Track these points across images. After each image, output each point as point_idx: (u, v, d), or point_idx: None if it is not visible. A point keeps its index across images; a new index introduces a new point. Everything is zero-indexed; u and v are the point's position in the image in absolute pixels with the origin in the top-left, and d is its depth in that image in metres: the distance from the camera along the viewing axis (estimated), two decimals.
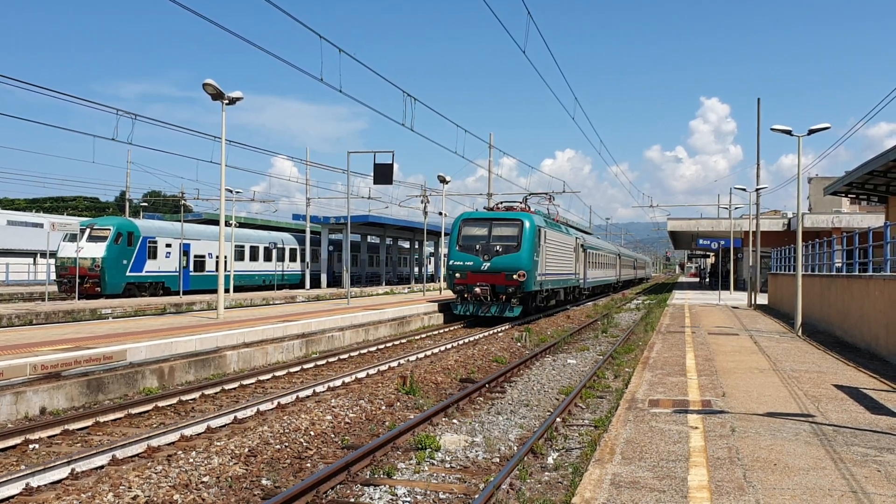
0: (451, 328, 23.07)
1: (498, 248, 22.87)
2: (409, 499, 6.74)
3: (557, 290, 28.80)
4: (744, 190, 33.28)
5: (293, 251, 46.46)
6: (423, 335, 20.87)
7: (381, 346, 18.03)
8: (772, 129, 19.29)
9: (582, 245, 34.12)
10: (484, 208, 26.27)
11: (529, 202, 30.90)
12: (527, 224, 23.25)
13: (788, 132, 18.92)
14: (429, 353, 16.68)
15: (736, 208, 47.07)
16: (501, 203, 27.11)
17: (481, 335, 20.23)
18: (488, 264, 22.78)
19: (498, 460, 8.09)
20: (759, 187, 30.60)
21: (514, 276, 22.40)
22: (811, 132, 18.74)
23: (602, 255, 43.30)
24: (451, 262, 23.37)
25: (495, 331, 21.23)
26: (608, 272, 46.46)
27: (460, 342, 18.52)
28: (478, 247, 23.05)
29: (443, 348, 17.49)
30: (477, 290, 22.70)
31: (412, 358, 15.74)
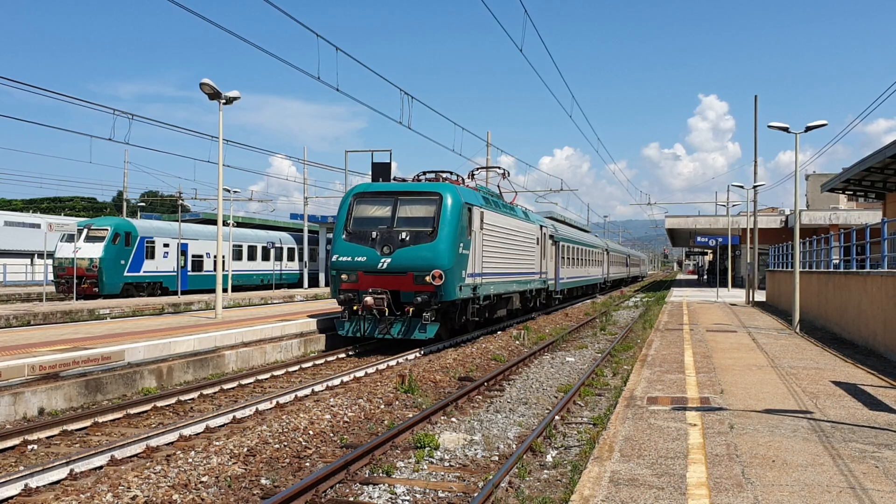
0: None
1: (404, 235, 15.66)
2: (408, 497, 6.74)
3: (508, 296, 21.20)
4: (741, 187, 33.35)
5: (291, 250, 46.46)
6: None
7: None
8: (769, 127, 19.34)
9: (551, 236, 27.40)
10: (393, 179, 18.35)
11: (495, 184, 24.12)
12: (448, 200, 15.93)
13: (786, 129, 18.95)
14: (427, 350, 16.67)
15: (734, 205, 47.23)
16: (422, 173, 18.55)
17: (479, 333, 20.04)
18: (388, 260, 15.59)
19: (497, 458, 8.09)
20: (756, 184, 30.67)
21: (427, 279, 15.32)
22: (808, 129, 18.77)
23: (582, 250, 36.21)
24: (334, 258, 16.11)
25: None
26: (591, 270, 39.78)
27: (459, 340, 18.51)
28: (375, 234, 15.82)
29: (442, 346, 17.48)
30: (369, 299, 15.36)
31: (410, 356, 15.73)
